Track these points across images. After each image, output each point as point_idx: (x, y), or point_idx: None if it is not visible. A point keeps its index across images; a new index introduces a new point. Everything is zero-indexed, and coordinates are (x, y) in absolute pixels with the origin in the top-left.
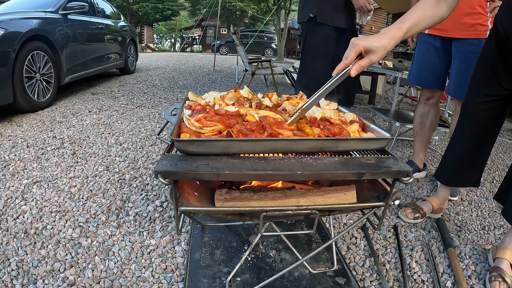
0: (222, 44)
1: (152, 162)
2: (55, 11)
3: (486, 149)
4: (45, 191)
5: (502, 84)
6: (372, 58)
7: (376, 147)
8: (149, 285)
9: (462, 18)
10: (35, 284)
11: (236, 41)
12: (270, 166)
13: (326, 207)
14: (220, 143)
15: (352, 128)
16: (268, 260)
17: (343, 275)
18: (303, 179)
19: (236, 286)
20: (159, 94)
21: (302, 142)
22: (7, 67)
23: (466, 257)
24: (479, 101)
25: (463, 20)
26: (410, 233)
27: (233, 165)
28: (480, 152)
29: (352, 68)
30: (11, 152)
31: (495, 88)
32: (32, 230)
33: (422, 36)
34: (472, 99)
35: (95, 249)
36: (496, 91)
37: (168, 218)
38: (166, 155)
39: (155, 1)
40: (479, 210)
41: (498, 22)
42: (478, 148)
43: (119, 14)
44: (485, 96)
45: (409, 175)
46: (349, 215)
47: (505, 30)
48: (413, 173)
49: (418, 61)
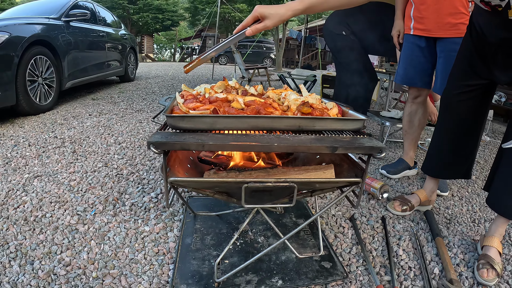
0: (221, 54)
1: (149, 159)
2: (58, 18)
3: (471, 141)
4: (45, 184)
5: (479, 74)
6: (267, 23)
7: (352, 127)
8: (141, 266)
9: (446, 18)
10: (32, 264)
11: (233, 49)
12: (250, 140)
13: (304, 181)
14: (207, 119)
15: (332, 112)
16: (256, 245)
17: (329, 260)
18: (279, 150)
19: (224, 268)
20: (158, 100)
21: (281, 120)
22: (11, 70)
23: (454, 246)
24: (458, 92)
25: (446, 20)
26: (398, 224)
27: (217, 138)
28: (465, 143)
29: (248, 29)
30: (13, 150)
31: (473, 78)
32: (31, 218)
33: (407, 36)
34: (450, 91)
35: (91, 235)
36: (474, 80)
37: (162, 208)
38: (159, 132)
39: (156, 12)
40: (470, 205)
41: (474, 19)
42: (460, 139)
43: (120, 23)
44: (463, 87)
45: (381, 151)
46: (337, 207)
47: (481, 25)
48: (403, 170)
49: (404, 61)
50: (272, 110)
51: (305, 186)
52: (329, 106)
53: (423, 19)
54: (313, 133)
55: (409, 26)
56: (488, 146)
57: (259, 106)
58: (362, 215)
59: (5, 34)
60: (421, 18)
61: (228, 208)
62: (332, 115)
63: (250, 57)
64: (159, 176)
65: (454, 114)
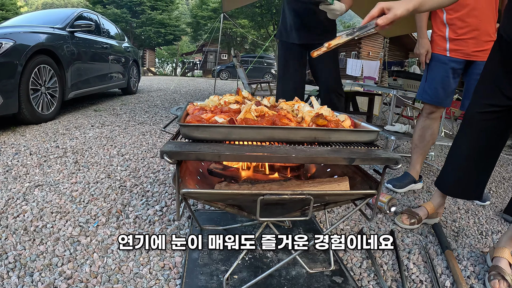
0: (223, 69)
1: (153, 172)
2: (63, 28)
3: (489, 162)
4: (46, 193)
5: (504, 92)
6: (395, 11)
7: (367, 139)
8: (146, 281)
9: (483, 45)
10: (32, 276)
11: (236, 64)
12: (267, 151)
13: (320, 193)
14: (222, 129)
15: (345, 124)
16: (265, 260)
17: (340, 275)
18: (297, 161)
19: (233, 283)
20: (160, 113)
21: (297, 131)
22: (14, 77)
23: (464, 259)
24: (482, 111)
25: (484, 47)
26: (407, 238)
27: (233, 149)
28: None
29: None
30: (13, 158)
31: (498, 98)
32: (32, 228)
33: (441, 57)
34: (473, 109)
35: (93, 247)
36: (498, 101)
37: (167, 221)
38: (172, 141)
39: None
40: (476, 217)
41: (502, 30)
42: (479, 159)
43: (123, 35)
44: (488, 107)
45: (398, 163)
46: (346, 221)
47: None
48: (409, 184)
49: (434, 81)
50: (287, 121)
51: (320, 199)
52: (341, 118)
53: (462, 42)
54: (327, 145)
55: (444, 48)
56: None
57: (274, 117)
58: (370, 229)
59: (10, 42)
60: (459, 41)
61: (235, 222)
62: (345, 127)
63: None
64: (163, 189)
65: (475, 132)
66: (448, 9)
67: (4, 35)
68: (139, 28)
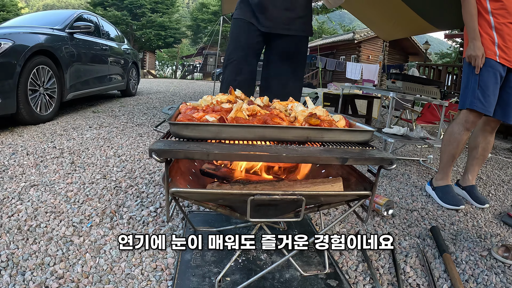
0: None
1: (149, 173)
2: (62, 29)
3: None
4: (41, 193)
5: None
6: None
7: (361, 139)
8: (137, 282)
9: None
10: (23, 275)
11: None
12: (257, 150)
13: (312, 194)
14: (212, 128)
15: (339, 124)
16: (259, 262)
17: (335, 278)
18: (288, 161)
19: (225, 286)
20: (158, 115)
21: (289, 130)
22: (13, 78)
23: (462, 262)
24: None
25: None
26: (404, 241)
27: (222, 147)
28: None
29: None
30: (10, 158)
31: None
32: (25, 227)
33: (493, 63)
34: None
35: (86, 247)
36: None
37: (161, 222)
38: (162, 140)
39: (158, 29)
40: (475, 220)
41: None
42: None
43: (123, 37)
44: None
45: (392, 163)
46: (342, 224)
47: None
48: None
49: (486, 88)
50: (279, 120)
51: (312, 200)
52: (336, 118)
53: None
54: (321, 145)
55: (494, 51)
56: (489, 162)
57: (266, 116)
58: (367, 232)
59: (9, 42)
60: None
61: (229, 223)
62: (340, 126)
63: None
64: (159, 190)
65: None
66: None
67: (3, 36)
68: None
